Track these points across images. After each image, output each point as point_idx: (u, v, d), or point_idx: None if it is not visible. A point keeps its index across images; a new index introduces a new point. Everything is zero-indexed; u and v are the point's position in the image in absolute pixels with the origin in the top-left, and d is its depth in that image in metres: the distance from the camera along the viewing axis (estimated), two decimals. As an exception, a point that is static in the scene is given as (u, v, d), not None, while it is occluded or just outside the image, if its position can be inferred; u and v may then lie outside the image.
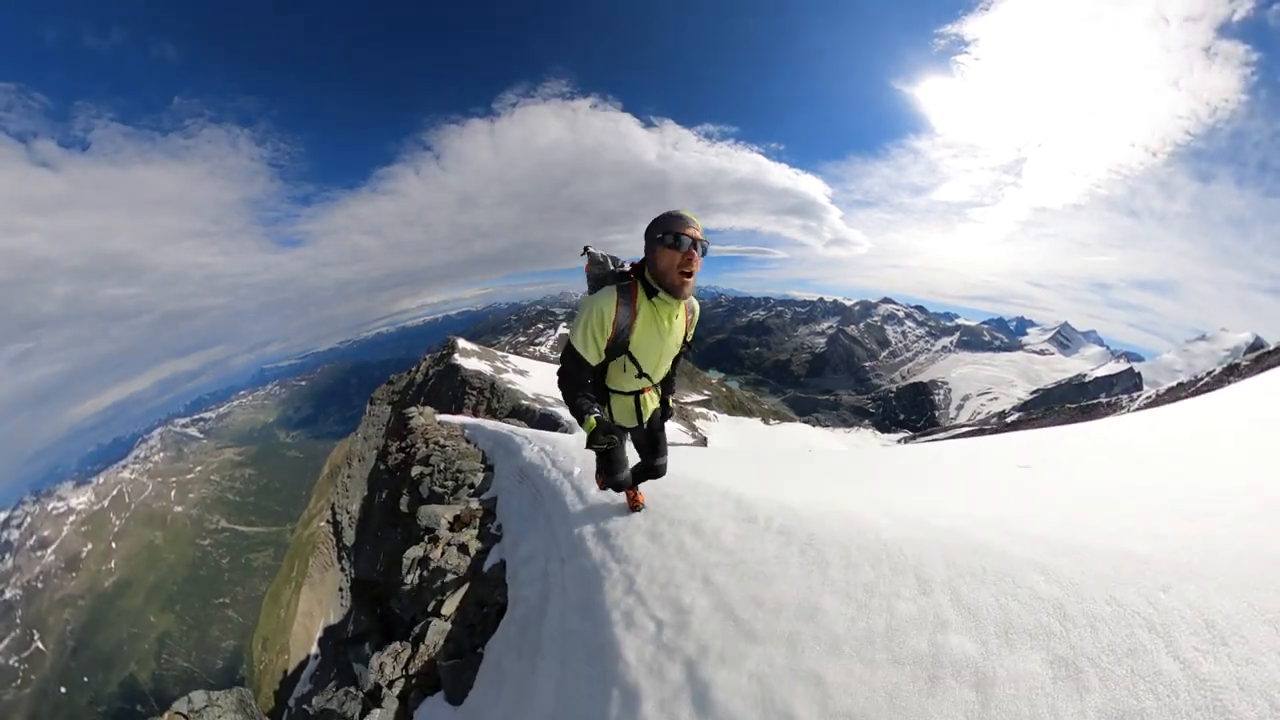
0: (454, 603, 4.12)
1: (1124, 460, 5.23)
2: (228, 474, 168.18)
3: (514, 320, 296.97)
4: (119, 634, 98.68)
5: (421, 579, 4.85)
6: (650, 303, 2.29)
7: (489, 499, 6.17)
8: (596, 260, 2.46)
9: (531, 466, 5.60)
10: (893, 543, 1.92)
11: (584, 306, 2.30)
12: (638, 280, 2.31)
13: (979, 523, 2.13)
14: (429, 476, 8.45)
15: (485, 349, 53.69)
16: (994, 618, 1.48)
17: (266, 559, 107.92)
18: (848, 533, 2.08)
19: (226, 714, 3.25)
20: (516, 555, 3.91)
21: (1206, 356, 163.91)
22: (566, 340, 2.31)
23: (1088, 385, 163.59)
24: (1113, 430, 7.60)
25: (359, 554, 37.60)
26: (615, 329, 2.27)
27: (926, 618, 1.54)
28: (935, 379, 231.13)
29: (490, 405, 33.00)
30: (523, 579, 3.41)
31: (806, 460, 8.07)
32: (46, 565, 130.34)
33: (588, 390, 2.37)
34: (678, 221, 2.18)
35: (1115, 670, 1.28)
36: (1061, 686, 1.28)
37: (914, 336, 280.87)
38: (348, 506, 59.03)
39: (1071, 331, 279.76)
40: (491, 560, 4.34)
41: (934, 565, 1.73)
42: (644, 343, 2.36)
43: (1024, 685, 1.31)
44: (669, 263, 2.18)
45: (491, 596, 3.67)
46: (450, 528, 5.65)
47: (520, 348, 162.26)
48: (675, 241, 2.14)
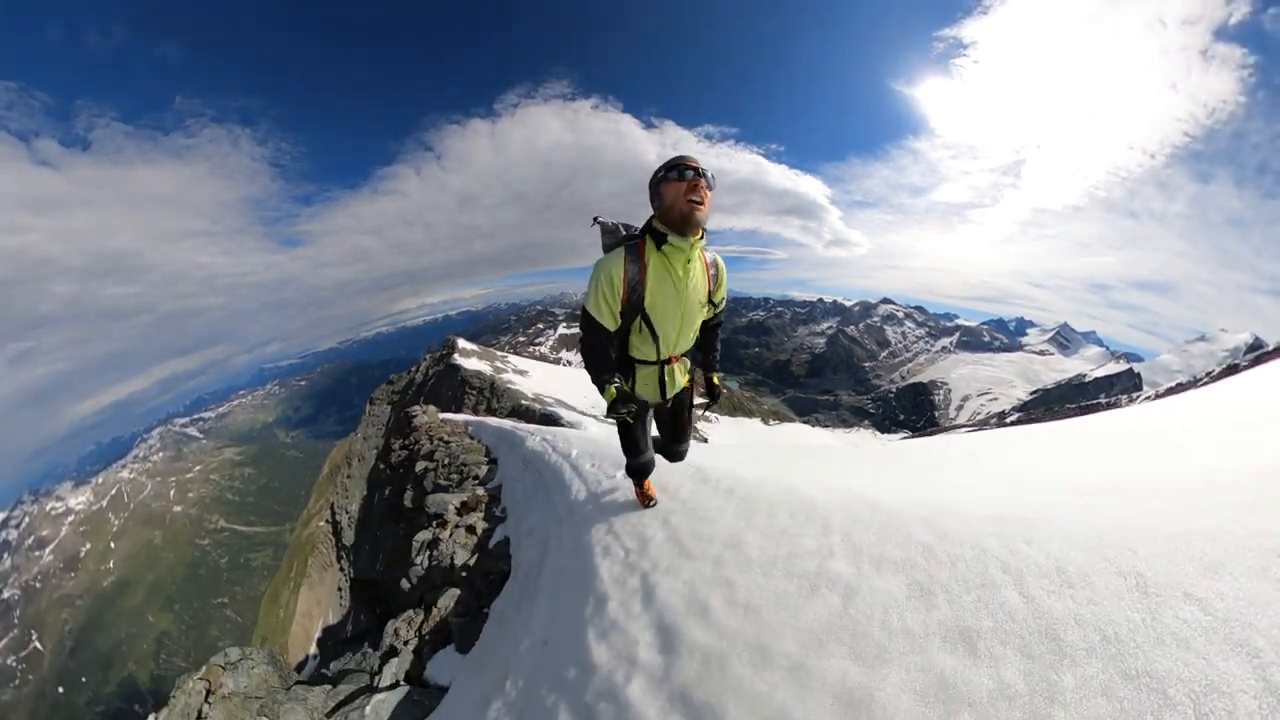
0: (462, 573, 4.47)
1: (1062, 449, 6.46)
2: (227, 474, 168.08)
3: (514, 320, 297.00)
4: (117, 634, 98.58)
5: (431, 560, 5.08)
6: (660, 253, 2.16)
7: (494, 487, 6.47)
8: (607, 229, 2.37)
9: (534, 454, 5.99)
10: (810, 501, 2.51)
11: (594, 272, 2.19)
12: (646, 235, 2.20)
13: (893, 492, 2.66)
14: (433, 471, 8.70)
15: (485, 349, 53.71)
16: (871, 552, 1.97)
17: (266, 559, 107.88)
18: (777, 493, 2.69)
19: (259, 665, 3.61)
20: (520, 530, 4.29)
21: (1206, 357, 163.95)
22: (583, 310, 2.22)
23: (1087, 386, 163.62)
24: (1074, 426, 8.92)
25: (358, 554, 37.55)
26: (626, 287, 2.15)
27: (820, 550, 2.08)
28: (935, 379, 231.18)
29: (490, 405, 33.00)
30: (525, 547, 3.85)
31: (788, 452, 8.85)
32: (45, 565, 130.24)
33: (609, 359, 2.28)
34: (677, 157, 2.10)
35: (963, 597, 1.63)
36: (913, 603, 1.67)
37: (914, 337, 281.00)
38: (347, 506, 58.98)
39: (1071, 332, 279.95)
40: (496, 538, 4.69)
41: (836, 516, 2.29)
42: (659, 300, 2.21)
43: (881, 597, 1.73)
44: (673, 194, 2.07)
45: (496, 566, 4.01)
46: (458, 513, 5.94)
47: (520, 348, 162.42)
48: (678, 174, 2.05)
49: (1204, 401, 10.03)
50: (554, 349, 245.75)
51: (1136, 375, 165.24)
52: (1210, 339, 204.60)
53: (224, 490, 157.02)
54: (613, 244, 2.34)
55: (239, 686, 3.36)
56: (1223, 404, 8.86)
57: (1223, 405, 8.67)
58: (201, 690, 3.26)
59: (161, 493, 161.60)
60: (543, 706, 1.96)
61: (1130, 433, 7.41)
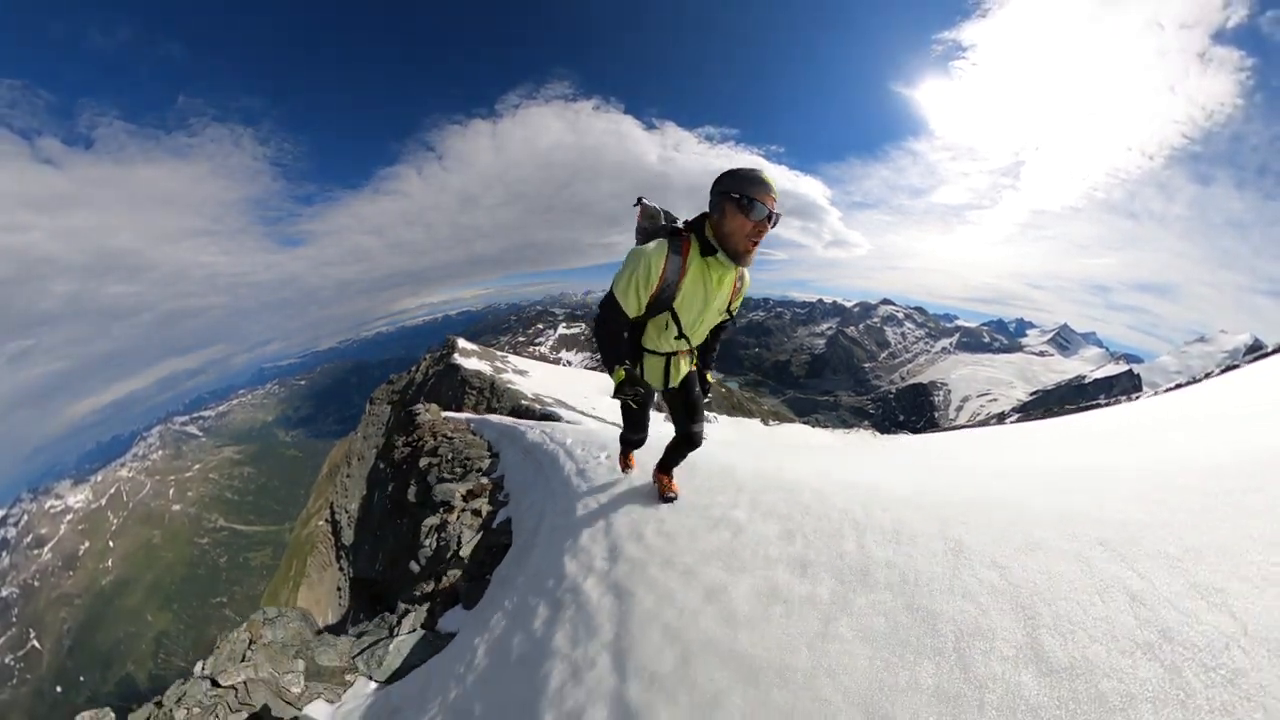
0: (469, 547, 5.14)
1: (1032, 444, 7.20)
2: (226, 473, 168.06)
3: (513, 321, 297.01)
4: (116, 633, 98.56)
5: (439, 542, 5.73)
6: (703, 260, 2.16)
7: (497, 476, 7.04)
8: (649, 213, 2.34)
9: (534, 445, 6.64)
10: (732, 470, 3.42)
11: (631, 257, 2.15)
12: (692, 235, 2.17)
13: (815, 471, 3.43)
14: (437, 465, 9.36)
15: (485, 349, 53.73)
16: (764, 508, 2.74)
17: (265, 558, 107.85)
18: (714, 466, 3.57)
19: (293, 622, 4.17)
20: (520, 508, 5.03)
21: (1205, 358, 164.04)
22: (609, 291, 2.21)
23: (1087, 387, 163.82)
24: (1056, 424, 9.52)
25: (358, 553, 37.65)
26: (662, 283, 2.15)
27: (728, 503, 2.90)
28: (935, 380, 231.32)
29: (490, 405, 32.98)
30: (525, 520, 4.60)
31: (771, 449, 9.67)
32: (44, 563, 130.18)
33: (622, 343, 2.30)
34: (757, 185, 1.96)
35: (815, 541, 2.29)
36: (779, 541, 2.38)
37: (913, 338, 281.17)
38: (347, 506, 58.94)
39: (1071, 333, 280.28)
40: (500, 518, 5.32)
41: (749, 482, 3.15)
42: (688, 301, 2.25)
43: (759, 536, 2.47)
44: (737, 227, 2.02)
45: (499, 541, 4.68)
46: (464, 499, 6.54)
47: (520, 348, 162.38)
48: (750, 207, 1.97)
49: (1181, 400, 10.48)
50: (554, 349, 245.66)
51: (1136, 376, 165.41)
52: (1210, 340, 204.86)
53: (223, 489, 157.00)
54: (651, 230, 2.33)
55: (276, 637, 3.95)
56: (1199, 401, 9.18)
57: (1198, 402, 9.02)
58: (245, 639, 3.86)
59: (161, 491, 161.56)
60: (528, 606, 2.73)
61: (1109, 431, 7.73)
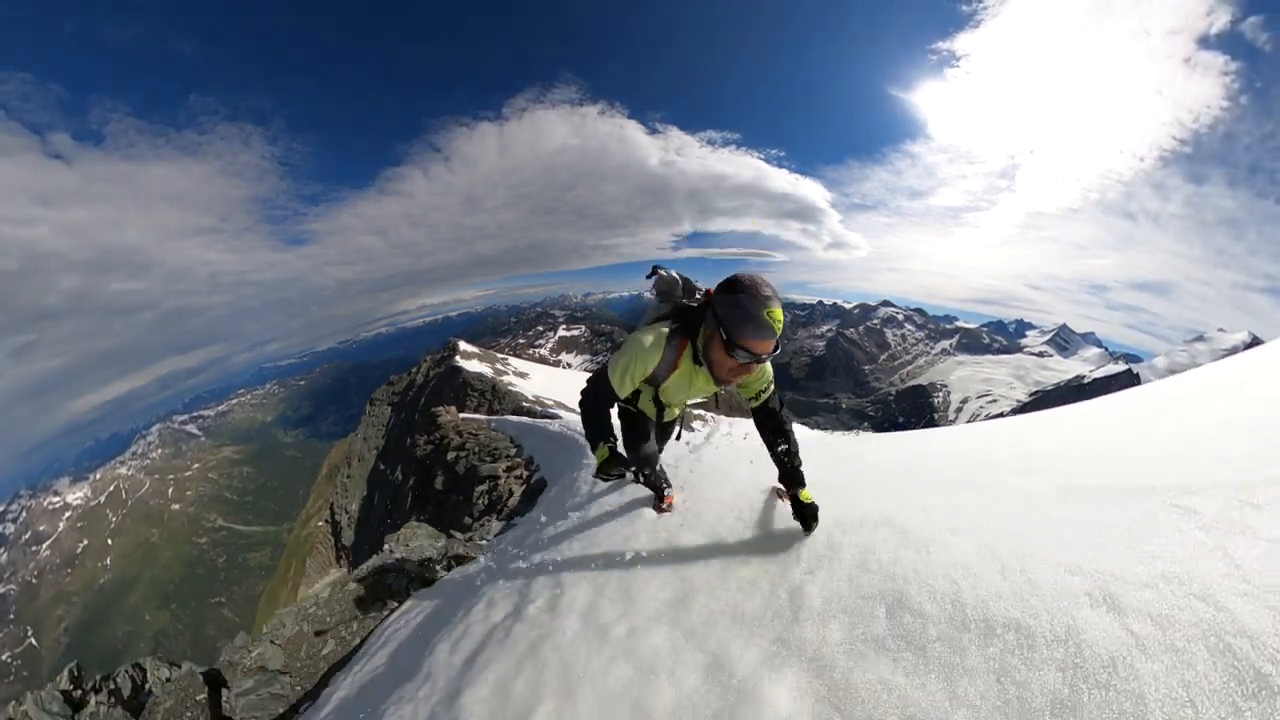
0: (518, 497, 6.91)
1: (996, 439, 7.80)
2: (226, 472, 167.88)
3: (513, 322, 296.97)
4: (114, 632, 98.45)
5: (492, 499, 7.95)
6: (692, 365, 2.25)
7: (526, 457, 8.86)
8: (665, 283, 2.37)
9: (556, 434, 8.51)
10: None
11: (628, 348, 2.19)
12: (689, 340, 2.21)
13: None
14: (465, 456, 11.33)
15: (486, 351, 53.73)
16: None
17: (263, 558, 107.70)
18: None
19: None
20: (552, 472, 6.53)
21: (1204, 357, 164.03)
22: (603, 369, 2.25)
23: (1086, 387, 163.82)
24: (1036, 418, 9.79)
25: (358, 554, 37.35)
26: (652, 375, 2.28)
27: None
28: (934, 381, 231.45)
29: (492, 406, 33.03)
30: (556, 475, 6.00)
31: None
32: (42, 561, 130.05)
33: (608, 420, 2.29)
34: (755, 330, 1.86)
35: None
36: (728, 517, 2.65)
37: (913, 339, 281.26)
38: (347, 506, 58.94)
39: (1070, 333, 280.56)
40: (536, 479, 7.06)
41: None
42: (671, 392, 2.42)
43: (712, 506, 2.81)
44: (721, 362, 2.05)
45: (538, 488, 6.32)
46: (506, 471, 8.60)
47: (520, 350, 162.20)
48: (739, 351, 1.90)
49: (1156, 393, 10.73)
50: (554, 351, 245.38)
51: (1135, 376, 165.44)
52: (1208, 339, 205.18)
53: (222, 489, 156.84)
54: (665, 297, 2.34)
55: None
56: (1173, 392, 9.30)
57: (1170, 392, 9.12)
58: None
59: (160, 490, 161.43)
60: (561, 506, 3.72)
61: (1078, 424, 7.97)
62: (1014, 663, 1.11)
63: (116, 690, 3.16)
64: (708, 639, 1.55)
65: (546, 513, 3.81)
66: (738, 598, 1.71)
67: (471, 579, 3.21)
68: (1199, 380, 7.64)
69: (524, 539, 3.65)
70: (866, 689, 1.18)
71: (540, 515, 3.97)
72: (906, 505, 2.15)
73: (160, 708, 3.01)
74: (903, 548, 1.65)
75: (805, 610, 1.51)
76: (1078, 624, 1.13)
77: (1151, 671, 1.02)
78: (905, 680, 1.18)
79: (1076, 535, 1.64)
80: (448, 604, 3.17)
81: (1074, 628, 1.13)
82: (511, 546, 3.48)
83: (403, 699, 2.03)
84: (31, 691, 3.09)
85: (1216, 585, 1.21)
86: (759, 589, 1.72)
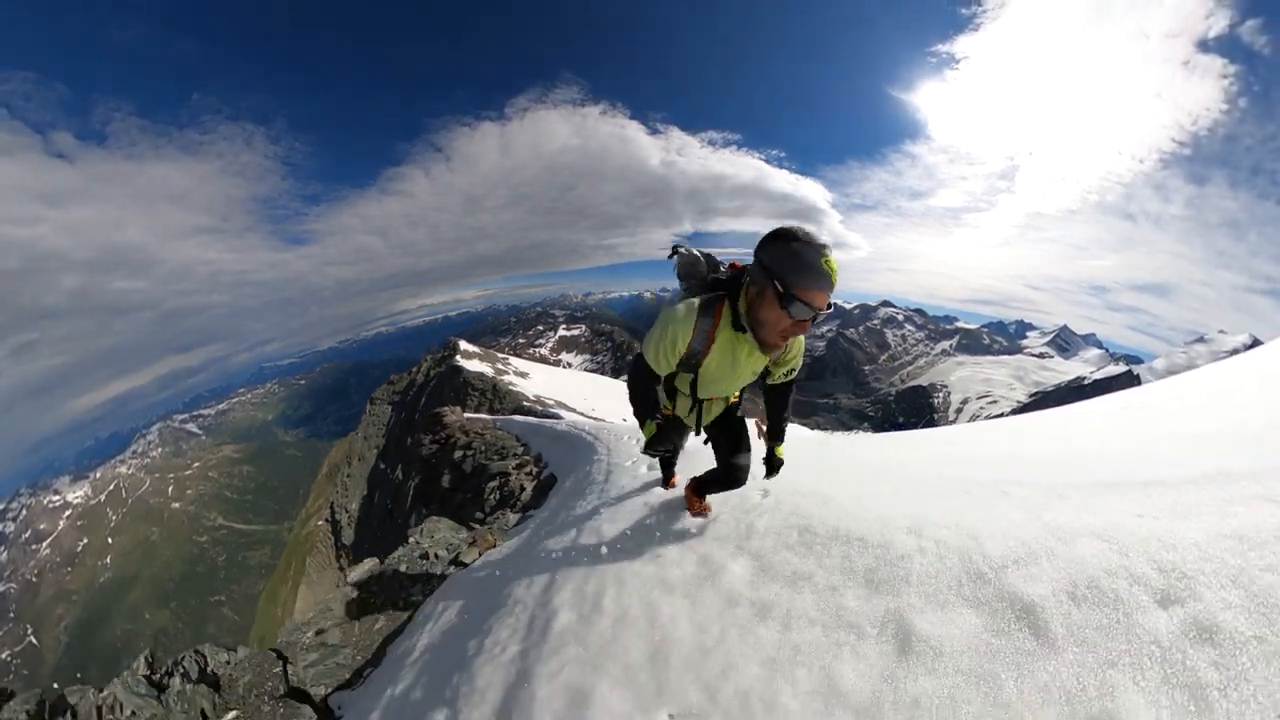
0: (530, 492, 7.21)
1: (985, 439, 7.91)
2: (226, 471, 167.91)
3: (514, 322, 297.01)
4: (114, 630, 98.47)
5: (502, 492, 8.18)
6: (734, 333, 2.01)
7: (535, 454, 9.10)
8: (686, 260, 2.29)
9: (563, 433, 8.87)
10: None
11: (660, 322, 2.05)
12: (726, 303, 2.00)
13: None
14: (472, 455, 11.49)
15: (486, 351, 53.73)
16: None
17: (263, 557, 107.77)
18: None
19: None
20: (561, 468, 6.86)
21: (1205, 359, 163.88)
22: (640, 349, 2.17)
23: (1086, 388, 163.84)
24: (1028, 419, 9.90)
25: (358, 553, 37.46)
26: (688, 351, 2.05)
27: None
28: (934, 382, 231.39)
29: (492, 406, 33.03)
30: (565, 470, 6.44)
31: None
32: (42, 559, 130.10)
33: (655, 399, 2.24)
34: (813, 278, 1.66)
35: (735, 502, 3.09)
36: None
37: (913, 340, 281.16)
38: (347, 505, 58.99)
39: (1070, 334, 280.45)
40: (545, 474, 7.46)
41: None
42: (713, 371, 2.15)
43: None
44: (773, 320, 1.82)
45: (548, 483, 6.64)
46: (515, 468, 8.87)
47: (520, 349, 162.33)
48: (792, 307, 1.71)
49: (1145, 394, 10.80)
50: (554, 351, 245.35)
51: (1135, 377, 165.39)
52: (1209, 340, 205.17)
53: (222, 488, 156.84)
54: (690, 277, 2.26)
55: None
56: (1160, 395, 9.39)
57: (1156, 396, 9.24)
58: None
59: (160, 489, 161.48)
60: (580, 492, 4.36)
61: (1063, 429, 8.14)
62: (852, 553, 2.21)
63: (185, 673, 3.45)
64: (698, 548, 2.64)
65: (565, 502, 4.41)
66: (718, 527, 2.80)
67: (505, 559, 3.84)
68: (1177, 385, 7.89)
69: (552, 520, 4.14)
70: (779, 564, 2.35)
71: (560, 505, 4.54)
72: (837, 484, 3.11)
73: (239, 682, 3.33)
74: (817, 505, 2.72)
75: (754, 532, 2.64)
76: (890, 539, 2.19)
77: (920, 564, 2.00)
78: (798, 560, 2.33)
79: (961, 505, 2.49)
80: (489, 580, 3.43)
81: (888, 540, 2.19)
82: (542, 528, 4.04)
83: (491, 629, 2.61)
84: (117, 677, 3.38)
85: (983, 530, 2.05)
86: (728, 523, 2.82)
